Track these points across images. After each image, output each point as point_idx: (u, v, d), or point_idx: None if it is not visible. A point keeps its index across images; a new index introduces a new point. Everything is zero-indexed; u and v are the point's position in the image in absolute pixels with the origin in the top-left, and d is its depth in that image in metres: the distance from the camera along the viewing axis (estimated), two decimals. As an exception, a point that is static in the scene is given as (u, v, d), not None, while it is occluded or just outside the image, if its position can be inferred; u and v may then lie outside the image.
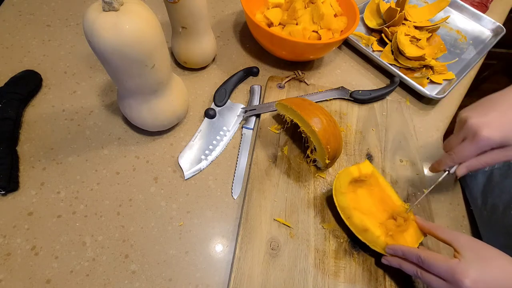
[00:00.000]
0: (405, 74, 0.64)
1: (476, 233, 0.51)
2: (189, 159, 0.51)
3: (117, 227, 0.44)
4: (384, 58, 0.69)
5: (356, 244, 0.45)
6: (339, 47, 0.72)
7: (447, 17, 0.76)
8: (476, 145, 0.37)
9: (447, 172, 0.43)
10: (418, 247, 0.41)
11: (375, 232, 0.42)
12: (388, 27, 0.72)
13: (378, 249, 0.42)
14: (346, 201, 0.44)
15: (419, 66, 0.67)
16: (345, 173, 0.45)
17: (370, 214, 0.45)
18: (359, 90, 0.61)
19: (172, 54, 0.62)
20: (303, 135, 0.50)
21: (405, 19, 0.74)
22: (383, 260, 0.42)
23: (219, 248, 0.44)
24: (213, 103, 0.58)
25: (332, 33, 0.63)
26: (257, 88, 0.60)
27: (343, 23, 0.64)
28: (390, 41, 0.71)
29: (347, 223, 0.44)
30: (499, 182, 0.49)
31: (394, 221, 0.43)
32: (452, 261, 0.34)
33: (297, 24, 0.62)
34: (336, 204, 0.45)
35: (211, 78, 0.62)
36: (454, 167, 0.41)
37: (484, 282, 0.32)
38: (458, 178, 0.42)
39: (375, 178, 0.46)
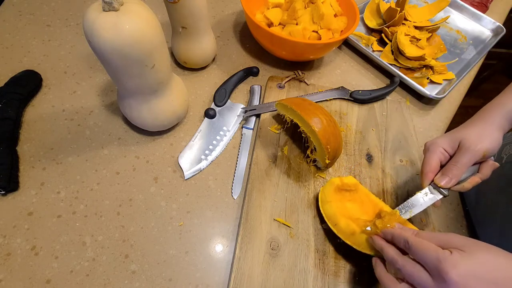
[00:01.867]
0: (405, 74, 0.64)
1: (474, 233, 0.51)
2: (189, 159, 0.51)
3: (117, 227, 0.44)
4: (384, 58, 0.69)
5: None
6: (339, 47, 0.72)
7: (447, 17, 0.76)
8: (475, 156, 0.40)
9: (442, 196, 0.42)
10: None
11: (363, 234, 0.40)
12: (388, 27, 0.72)
13: (367, 251, 0.40)
14: (332, 209, 0.44)
15: (419, 66, 0.67)
16: (328, 184, 0.46)
17: (358, 219, 0.43)
18: (359, 90, 0.61)
19: (172, 54, 0.62)
20: (303, 135, 0.50)
21: (405, 19, 0.74)
22: (369, 239, 0.39)
23: (219, 248, 0.44)
24: (213, 103, 0.58)
25: (332, 33, 0.63)
26: (257, 88, 0.60)
27: (343, 23, 0.64)
28: (390, 41, 0.71)
29: (334, 230, 0.42)
30: (492, 181, 0.49)
31: (382, 220, 0.40)
32: (443, 251, 0.29)
33: (297, 24, 0.62)
34: (323, 214, 0.44)
35: (211, 78, 0.62)
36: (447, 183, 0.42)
37: (474, 278, 0.27)
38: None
39: (362, 190, 0.46)
